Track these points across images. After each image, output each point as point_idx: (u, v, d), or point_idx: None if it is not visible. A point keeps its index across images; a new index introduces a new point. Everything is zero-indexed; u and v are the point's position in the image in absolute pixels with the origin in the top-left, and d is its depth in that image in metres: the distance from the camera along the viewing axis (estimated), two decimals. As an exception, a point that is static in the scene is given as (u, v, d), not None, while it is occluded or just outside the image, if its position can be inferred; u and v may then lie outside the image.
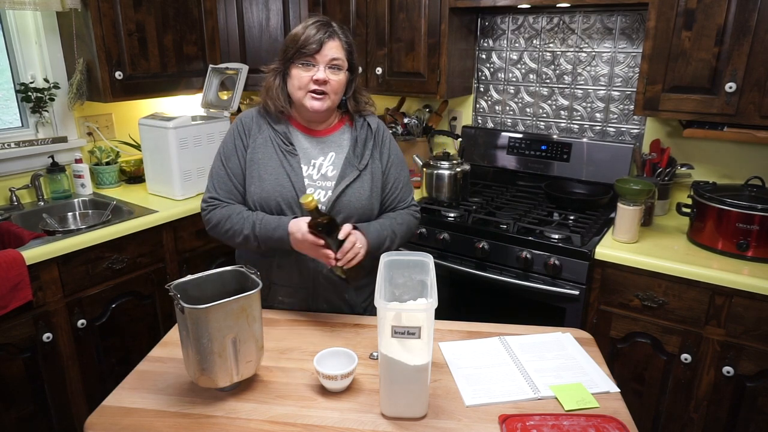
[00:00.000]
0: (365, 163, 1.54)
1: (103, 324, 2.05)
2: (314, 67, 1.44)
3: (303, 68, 1.45)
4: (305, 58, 1.44)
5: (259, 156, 1.51)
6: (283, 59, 1.49)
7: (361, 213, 1.52)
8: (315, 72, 1.44)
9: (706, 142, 2.18)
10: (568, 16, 2.38)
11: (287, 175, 1.48)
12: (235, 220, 1.48)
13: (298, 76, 1.45)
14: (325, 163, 1.53)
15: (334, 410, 1.14)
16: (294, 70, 1.46)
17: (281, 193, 1.47)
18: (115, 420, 1.12)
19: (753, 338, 1.71)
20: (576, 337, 1.42)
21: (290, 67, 1.47)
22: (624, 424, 1.10)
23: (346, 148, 1.56)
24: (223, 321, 1.10)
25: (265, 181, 1.48)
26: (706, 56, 1.81)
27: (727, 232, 1.81)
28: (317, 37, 1.42)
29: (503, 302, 2.10)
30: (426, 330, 1.05)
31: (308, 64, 1.44)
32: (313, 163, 1.53)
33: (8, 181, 2.26)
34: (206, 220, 1.55)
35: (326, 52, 1.44)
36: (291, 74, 1.47)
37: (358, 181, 1.51)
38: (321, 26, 1.44)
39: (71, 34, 2.26)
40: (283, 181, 1.48)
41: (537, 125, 2.58)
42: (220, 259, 2.46)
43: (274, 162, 1.50)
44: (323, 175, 1.52)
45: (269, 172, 1.49)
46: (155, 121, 2.30)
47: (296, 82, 1.46)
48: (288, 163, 1.49)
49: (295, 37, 1.44)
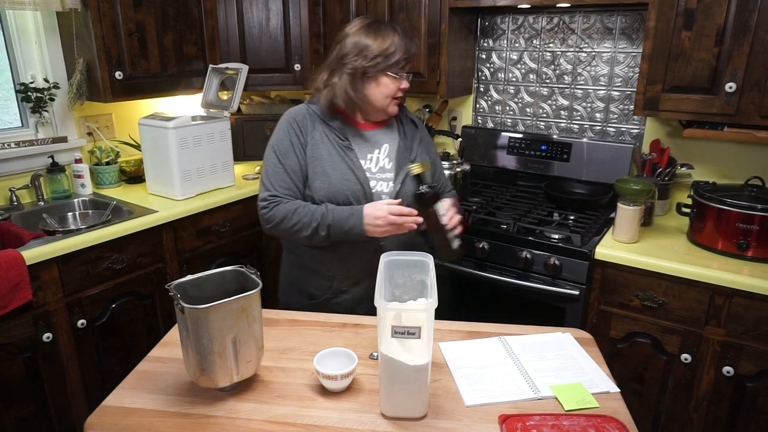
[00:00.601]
0: (415, 154, 1.66)
1: (103, 324, 2.05)
2: (401, 78, 1.56)
3: (393, 80, 1.54)
4: (398, 71, 1.54)
5: (320, 152, 1.57)
6: (372, 65, 1.53)
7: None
8: (401, 83, 1.56)
9: (706, 142, 2.18)
10: (568, 16, 2.38)
11: (350, 169, 1.55)
12: (303, 213, 1.50)
13: (389, 86, 1.55)
14: (381, 156, 1.62)
15: (334, 410, 1.14)
16: (384, 78, 1.54)
17: (348, 186, 1.54)
18: (115, 420, 1.12)
19: (753, 338, 1.71)
20: (576, 337, 1.42)
21: (378, 75, 1.54)
22: (624, 424, 1.10)
23: (396, 140, 1.65)
24: (223, 321, 1.10)
25: (331, 176, 1.54)
26: (706, 56, 1.81)
27: (727, 232, 1.81)
28: (407, 50, 1.53)
29: (503, 302, 2.10)
30: (426, 330, 1.05)
31: (399, 76, 1.55)
32: (369, 157, 1.60)
33: (8, 181, 2.26)
34: (267, 218, 1.54)
35: (411, 64, 1.57)
36: (379, 82, 1.55)
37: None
38: (400, 35, 1.54)
39: (71, 34, 2.26)
40: (348, 175, 1.55)
41: (537, 125, 2.58)
42: (220, 259, 2.46)
43: (336, 158, 1.56)
44: (381, 168, 1.61)
45: (333, 167, 1.55)
46: (155, 121, 2.30)
47: (386, 91, 1.55)
48: (348, 158, 1.56)
49: (386, 50, 1.51)
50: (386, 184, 1.59)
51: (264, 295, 1.19)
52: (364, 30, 1.54)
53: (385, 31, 1.54)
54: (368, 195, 1.55)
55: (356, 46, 1.53)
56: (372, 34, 1.53)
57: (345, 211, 1.50)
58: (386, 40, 1.52)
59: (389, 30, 1.54)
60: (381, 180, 1.59)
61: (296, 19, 2.71)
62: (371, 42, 1.52)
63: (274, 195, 1.54)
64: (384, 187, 1.59)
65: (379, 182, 1.59)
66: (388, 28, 1.55)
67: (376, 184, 1.58)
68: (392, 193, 1.58)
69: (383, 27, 1.55)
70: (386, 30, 1.54)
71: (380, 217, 1.46)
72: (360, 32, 1.54)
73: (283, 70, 2.78)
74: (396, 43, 1.52)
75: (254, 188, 2.55)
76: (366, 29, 1.54)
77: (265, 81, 2.78)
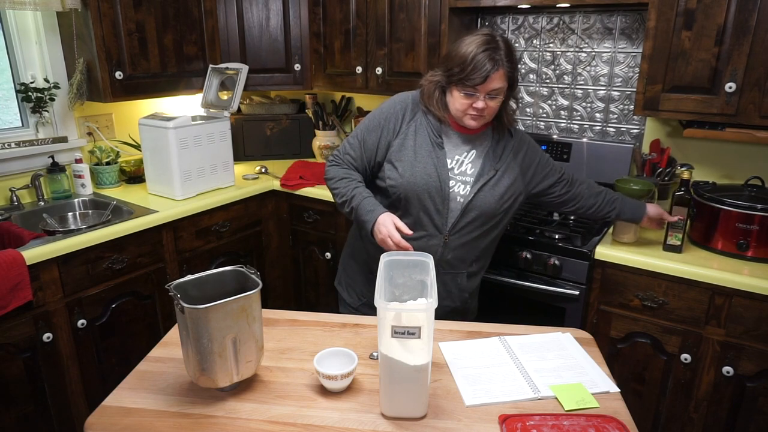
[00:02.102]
0: (503, 165, 1.63)
1: (103, 324, 2.05)
2: (474, 96, 1.50)
3: (464, 96, 1.51)
4: (468, 89, 1.49)
5: (411, 143, 1.61)
6: (447, 75, 1.53)
7: (490, 212, 1.62)
8: (475, 101, 1.50)
9: (706, 142, 2.18)
10: (568, 16, 2.38)
11: (435, 166, 1.58)
12: (345, 184, 1.63)
13: (459, 100, 1.52)
14: (466, 159, 1.63)
15: (334, 410, 1.15)
16: (455, 92, 1.52)
17: (427, 182, 1.57)
18: (115, 420, 1.12)
19: (753, 338, 1.71)
20: (576, 337, 1.42)
21: (451, 86, 1.53)
22: (624, 424, 1.10)
23: (487, 147, 1.65)
24: (223, 321, 1.10)
25: (416, 167, 1.58)
26: (706, 56, 1.81)
27: (727, 232, 1.81)
28: (484, 69, 1.44)
29: (503, 302, 2.10)
30: (426, 330, 1.05)
31: (470, 94, 1.50)
32: (457, 159, 1.62)
33: (8, 181, 2.26)
34: (326, 171, 1.71)
35: (489, 84, 1.47)
36: (452, 94, 1.54)
37: (493, 180, 1.61)
38: (490, 54, 1.45)
39: (71, 34, 2.26)
40: (431, 170, 1.58)
41: (537, 125, 2.58)
42: (220, 259, 2.46)
43: (425, 151, 1.59)
44: (462, 171, 1.62)
45: (420, 160, 1.59)
46: (155, 121, 2.30)
47: (457, 105, 1.54)
48: (435, 154, 1.59)
49: (464, 61, 1.46)
50: (464, 187, 1.61)
51: (264, 295, 1.19)
52: (465, 39, 1.51)
53: (477, 44, 1.46)
54: (445, 194, 1.58)
55: (448, 53, 1.56)
56: (464, 44, 1.49)
57: (370, 205, 1.57)
58: (469, 53, 1.46)
59: (481, 45, 1.46)
60: (460, 182, 1.61)
61: (296, 19, 2.71)
62: (455, 51, 1.51)
63: (342, 159, 1.68)
64: (461, 189, 1.60)
65: (458, 184, 1.60)
66: (483, 41, 1.47)
67: (455, 184, 1.60)
68: (466, 197, 1.60)
69: (481, 44, 1.46)
70: (478, 43, 1.46)
71: (382, 232, 1.51)
72: (461, 41, 1.51)
73: (283, 70, 2.78)
74: (478, 60, 1.44)
75: (254, 188, 2.55)
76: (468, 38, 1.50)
77: (265, 81, 2.78)
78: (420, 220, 1.61)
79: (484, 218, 1.62)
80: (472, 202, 1.59)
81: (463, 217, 1.60)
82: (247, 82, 2.63)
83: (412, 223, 1.60)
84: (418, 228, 1.61)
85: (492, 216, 1.63)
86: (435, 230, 1.61)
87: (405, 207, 1.62)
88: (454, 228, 1.61)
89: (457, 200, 1.60)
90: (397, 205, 1.63)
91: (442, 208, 1.59)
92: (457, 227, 1.61)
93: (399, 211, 1.62)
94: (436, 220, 1.60)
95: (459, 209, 1.60)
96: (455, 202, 1.60)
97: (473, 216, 1.61)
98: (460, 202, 1.60)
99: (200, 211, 2.32)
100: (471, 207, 1.60)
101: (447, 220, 1.60)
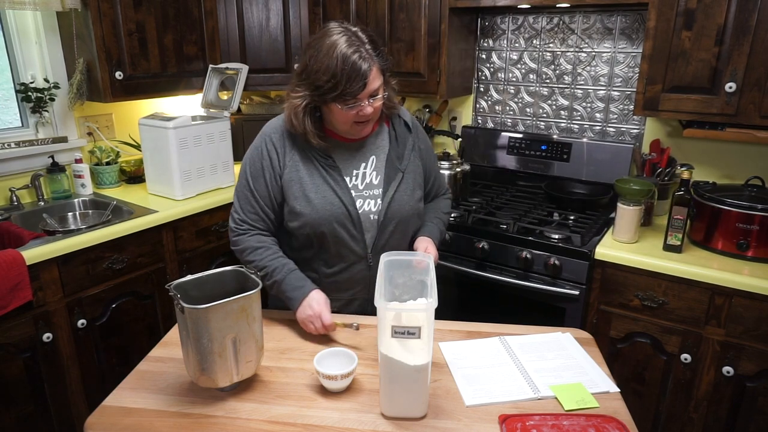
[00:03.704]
0: (407, 163, 1.50)
1: (103, 324, 2.05)
2: (358, 105, 1.34)
3: (348, 109, 1.34)
4: (350, 101, 1.32)
5: (300, 174, 1.43)
6: (317, 93, 1.34)
7: (411, 214, 1.51)
8: (360, 110, 1.34)
9: (706, 142, 2.18)
10: (568, 16, 2.38)
11: (333, 191, 1.42)
12: (259, 255, 1.45)
13: (342, 114, 1.35)
14: (367, 170, 1.48)
15: (334, 410, 1.14)
16: (334, 107, 1.35)
17: (332, 211, 1.41)
18: (115, 420, 1.12)
19: (753, 338, 1.71)
20: (576, 337, 1.42)
21: (327, 104, 1.35)
22: (624, 424, 1.10)
23: (386, 149, 1.50)
24: (223, 321, 1.10)
25: (313, 200, 1.41)
26: (706, 56, 1.81)
27: (727, 232, 1.81)
28: (361, 75, 1.28)
29: (503, 302, 2.10)
30: (426, 330, 1.05)
31: (353, 105, 1.33)
32: (355, 173, 1.47)
33: (8, 181, 2.26)
34: (233, 241, 1.50)
35: (370, 87, 1.32)
36: (331, 110, 1.36)
37: (403, 184, 1.48)
38: (359, 54, 1.28)
39: (71, 34, 2.26)
40: (331, 198, 1.42)
41: (537, 125, 2.58)
42: (220, 259, 2.46)
43: (317, 179, 1.43)
44: (368, 184, 1.47)
45: (314, 190, 1.42)
46: (155, 121, 2.30)
47: (341, 119, 1.38)
48: (331, 178, 1.43)
49: (333, 73, 1.28)
50: (373, 202, 1.45)
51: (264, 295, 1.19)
52: (321, 45, 1.31)
53: (338, 49, 1.28)
54: (354, 218, 1.43)
55: (306, 66, 1.34)
56: (323, 53, 1.30)
57: (297, 282, 1.42)
58: (335, 66, 1.28)
59: (345, 47, 1.28)
60: (368, 198, 1.46)
61: (296, 19, 2.71)
62: (316, 63, 1.31)
63: (244, 221, 1.48)
64: (372, 206, 1.45)
65: (366, 201, 1.45)
66: (344, 44, 1.29)
67: (363, 203, 1.45)
68: (380, 214, 1.45)
69: (338, 43, 1.29)
70: (340, 48, 1.28)
71: (311, 315, 1.38)
72: (316, 48, 1.32)
73: (283, 70, 2.78)
74: (348, 71, 1.27)
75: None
76: (324, 42, 1.31)
77: (265, 81, 2.78)
78: (338, 253, 1.46)
79: (404, 224, 1.50)
80: (387, 216, 1.45)
81: (381, 234, 1.46)
82: (247, 82, 2.63)
83: (329, 257, 1.47)
84: (337, 261, 1.47)
85: (411, 216, 1.51)
86: (355, 257, 1.47)
87: (319, 244, 1.46)
88: (374, 248, 1.47)
89: (371, 219, 1.45)
90: (309, 244, 1.48)
91: (356, 233, 1.44)
92: (378, 245, 1.47)
93: (313, 249, 1.48)
94: (354, 247, 1.45)
95: (375, 228, 1.46)
96: (369, 222, 1.45)
97: (392, 228, 1.47)
98: (375, 220, 1.45)
99: (200, 211, 2.32)
100: (387, 220, 1.46)
101: (365, 243, 1.46)
